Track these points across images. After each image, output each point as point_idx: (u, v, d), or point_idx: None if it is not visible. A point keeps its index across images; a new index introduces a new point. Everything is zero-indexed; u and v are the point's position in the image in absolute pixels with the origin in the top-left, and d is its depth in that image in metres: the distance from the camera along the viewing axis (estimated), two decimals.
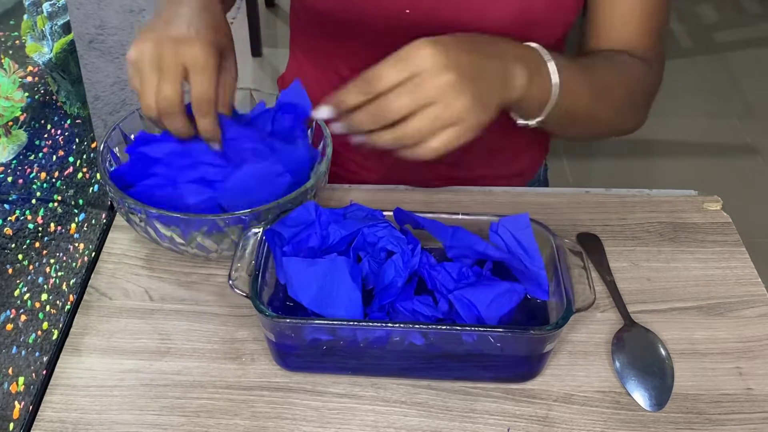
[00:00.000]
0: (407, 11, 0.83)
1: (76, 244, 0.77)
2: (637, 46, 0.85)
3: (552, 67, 0.72)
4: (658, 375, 0.69)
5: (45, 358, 0.70)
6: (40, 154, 0.72)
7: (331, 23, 0.89)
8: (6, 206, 0.66)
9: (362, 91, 0.65)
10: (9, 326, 0.64)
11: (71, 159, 0.77)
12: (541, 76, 0.71)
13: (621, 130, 0.88)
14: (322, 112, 0.68)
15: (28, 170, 0.70)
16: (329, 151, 0.79)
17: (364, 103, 0.65)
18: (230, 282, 0.67)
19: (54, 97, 0.76)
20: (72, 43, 0.78)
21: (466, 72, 0.64)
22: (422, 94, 0.63)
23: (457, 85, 0.64)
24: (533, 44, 0.73)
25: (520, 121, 0.76)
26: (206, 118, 0.71)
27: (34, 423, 0.66)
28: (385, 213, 0.73)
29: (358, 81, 0.65)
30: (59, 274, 0.73)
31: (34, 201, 0.70)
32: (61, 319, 0.74)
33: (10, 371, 0.64)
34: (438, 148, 0.65)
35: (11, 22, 0.70)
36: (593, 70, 0.80)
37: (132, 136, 0.83)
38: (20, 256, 0.67)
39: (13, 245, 0.66)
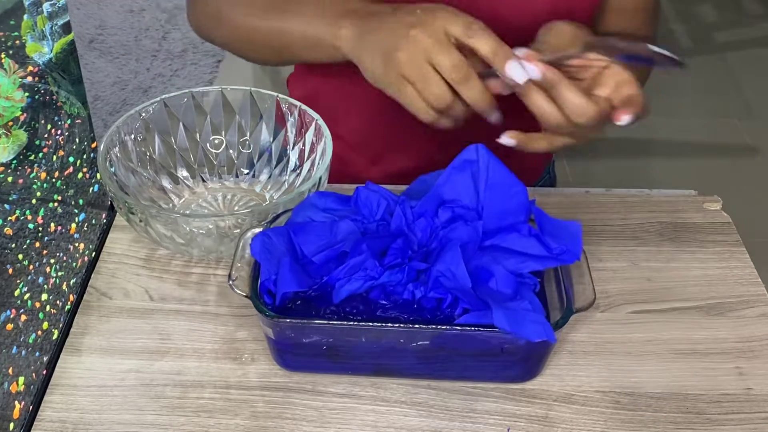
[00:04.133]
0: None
1: (76, 244, 0.77)
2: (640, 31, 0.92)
3: None
4: None
5: (45, 358, 0.70)
6: (40, 154, 0.72)
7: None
8: (6, 206, 0.66)
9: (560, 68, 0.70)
10: (9, 326, 0.64)
11: (71, 159, 0.77)
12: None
13: None
14: (528, 72, 0.70)
15: (28, 170, 0.70)
16: (329, 151, 0.79)
17: None
18: (230, 282, 0.67)
19: (54, 97, 0.76)
20: (72, 43, 0.78)
21: None
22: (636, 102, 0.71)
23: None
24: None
25: None
26: (487, 36, 0.70)
27: (34, 423, 0.66)
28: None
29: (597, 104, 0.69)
30: (59, 274, 0.73)
31: (34, 201, 0.70)
32: (61, 319, 0.74)
33: (10, 371, 0.64)
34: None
35: (11, 22, 0.70)
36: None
37: (135, 136, 0.83)
38: (20, 256, 0.67)
39: (13, 245, 0.66)
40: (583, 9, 0.85)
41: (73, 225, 0.77)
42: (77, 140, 0.79)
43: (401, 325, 0.64)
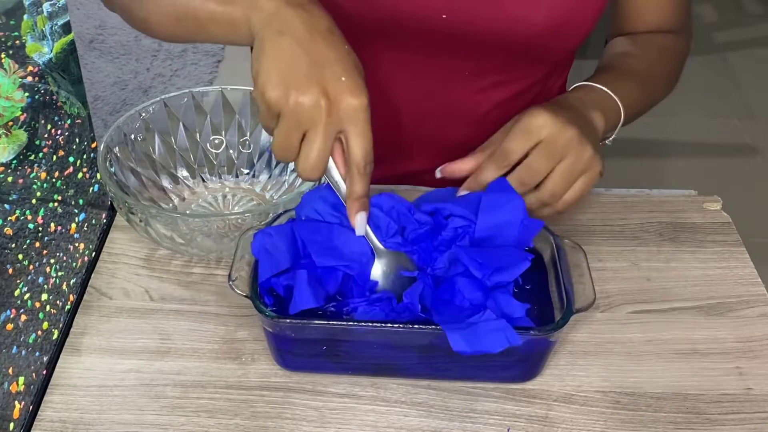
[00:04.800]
0: (444, 16, 0.82)
1: (76, 244, 0.77)
2: (670, 18, 0.92)
3: (617, 101, 0.80)
4: None
5: (45, 358, 0.70)
6: (40, 154, 0.72)
7: (359, 26, 0.84)
8: (6, 206, 0.66)
9: (500, 166, 0.71)
10: (9, 326, 0.64)
11: (71, 159, 0.77)
12: (611, 113, 0.79)
13: (660, 99, 0.94)
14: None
15: (28, 170, 0.70)
16: None
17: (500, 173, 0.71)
18: (230, 282, 0.67)
19: (54, 97, 0.76)
20: (72, 43, 0.78)
21: (580, 126, 0.71)
22: (555, 151, 0.70)
23: (578, 136, 0.70)
24: (594, 86, 0.80)
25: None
26: (367, 179, 0.64)
27: (34, 423, 0.66)
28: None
29: (493, 159, 0.71)
30: (59, 274, 0.73)
31: (34, 201, 0.70)
32: (61, 319, 0.74)
33: (10, 371, 0.64)
34: (572, 200, 0.72)
35: (11, 22, 0.70)
36: (639, 71, 0.87)
37: (135, 136, 0.83)
38: (20, 256, 0.67)
39: (13, 245, 0.66)
40: (584, 19, 0.84)
41: (73, 225, 0.77)
42: (77, 140, 0.79)
43: (401, 325, 0.64)
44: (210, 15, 0.67)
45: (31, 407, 0.67)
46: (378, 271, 0.69)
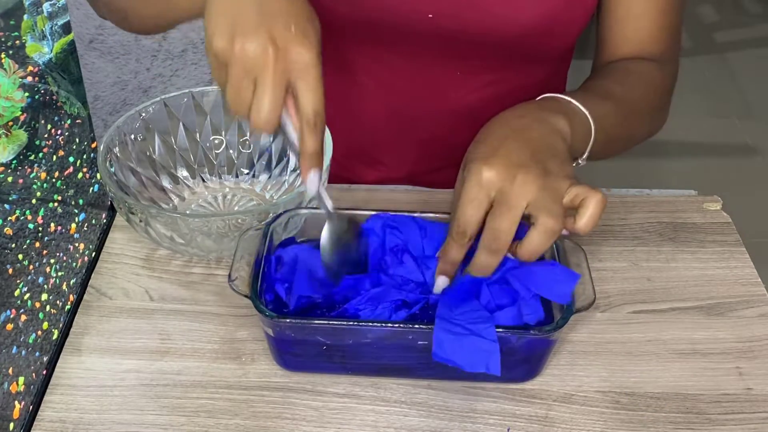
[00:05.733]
0: (430, 16, 0.81)
1: (76, 244, 0.77)
2: (652, 45, 0.85)
3: (586, 113, 0.71)
4: None
5: (45, 358, 0.70)
6: (40, 154, 0.72)
7: (349, 27, 0.86)
8: (6, 206, 0.66)
9: (462, 244, 0.64)
10: (9, 326, 0.64)
11: (71, 159, 0.77)
12: (578, 124, 0.70)
13: (649, 133, 0.88)
14: (442, 284, 0.67)
15: (28, 170, 0.70)
16: (329, 151, 0.79)
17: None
18: (230, 282, 0.67)
19: (54, 97, 0.76)
20: (72, 43, 0.78)
21: (532, 164, 0.63)
22: (514, 205, 0.62)
23: (532, 176, 0.62)
24: (558, 96, 0.72)
25: None
26: (319, 135, 0.62)
27: (34, 423, 0.66)
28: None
29: (453, 238, 0.64)
30: (59, 274, 0.73)
31: (34, 201, 0.70)
32: (61, 319, 0.74)
33: (10, 371, 0.64)
34: (542, 248, 0.63)
35: (11, 22, 0.70)
36: (614, 93, 0.79)
37: (135, 136, 0.83)
38: (20, 256, 0.67)
39: (13, 245, 0.66)
40: (573, 17, 0.83)
41: (73, 225, 0.77)
42: (77, 140, 0.79)
43: (401, 325, 0.64)
44: None
45: (31, 407, 0.67)
46: (326, 235, 0.68)
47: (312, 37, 0.60)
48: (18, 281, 0.66)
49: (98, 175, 0.83)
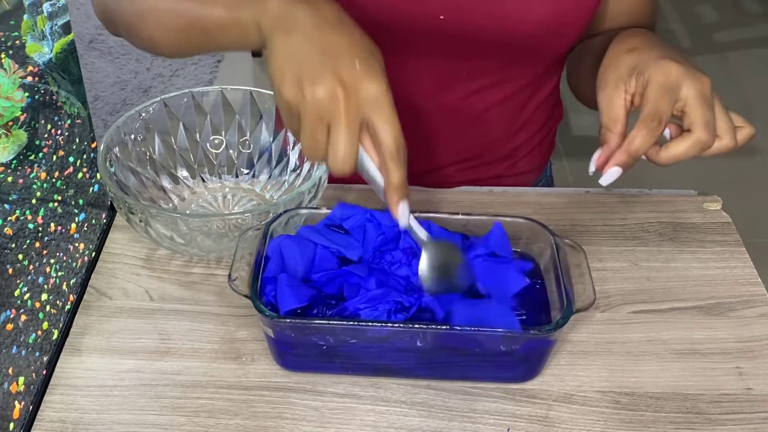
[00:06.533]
0: (441, 17, 0.81)
1: (76, 244, 0.77)
2: (644, 18, 0.89)
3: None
4: None
5: (45, 358, 0.70)
6: (40, 154, 0.72)
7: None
8: (6, 206, 0.66)
9: (653, 129, 0.66)
10: (9, 326, 0.64)
11: (71, 159, 0.77)
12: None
13: None
14: (614, 174, 0.71)
15: (28, 170, 0.70)
16: None
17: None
18: (230, 282, 0.67)
19: (54, 97, 0.76)
20: (72, 43, 0.78)
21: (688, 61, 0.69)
22: (707, 98, 0.68)
23: (709, 85, 0.68)
24: (634, 29, 0.76)
25: None
26: (403, 166, 0.61)
27: (34, 423, 0.66)
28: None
29: (645, 124, 0.66)
30: (59, 274, 0.73)
31: (34, 201, 0.70)
32: (61, 319, 0.74)
33: (10, 371, 0.64)
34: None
35: (11, 22, 0.70)
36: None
37: (135, 136, 0.83)
38: (20, 256, 0.66)
39: (13, 245, 0.66)
40: (579, 16, 0.84)
41: (73, 225, 0.77)
42: (77, 140, 0.79)
43: (401, 325, 0.64)
44: (218, 23, 0.66)
45: (31, 407, 0.67)
46: (425, 263, 0.67)
47: (377, 69, 0.60)
48: (18, 281, 0.66)
49: (98, 175, 0.83)
